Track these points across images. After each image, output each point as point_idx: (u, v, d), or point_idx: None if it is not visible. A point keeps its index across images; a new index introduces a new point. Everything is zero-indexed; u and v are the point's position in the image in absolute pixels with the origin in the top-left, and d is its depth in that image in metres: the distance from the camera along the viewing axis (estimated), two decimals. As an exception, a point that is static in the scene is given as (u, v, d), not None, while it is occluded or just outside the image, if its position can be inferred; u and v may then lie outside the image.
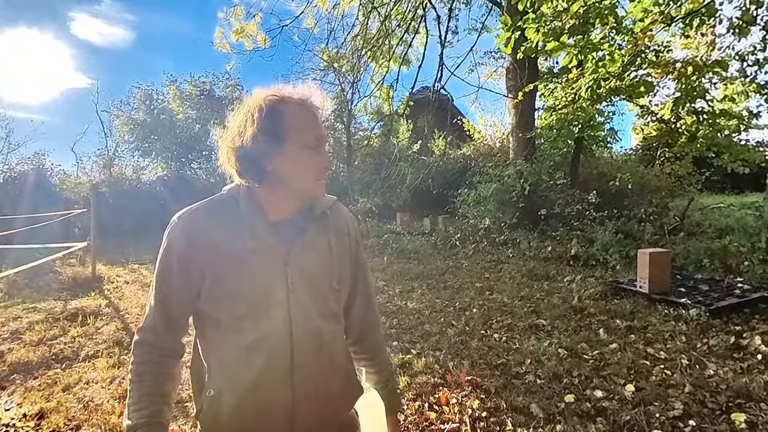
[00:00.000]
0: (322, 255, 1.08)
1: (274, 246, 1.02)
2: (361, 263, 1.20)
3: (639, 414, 2.65)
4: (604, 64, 4.15)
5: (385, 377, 1.26)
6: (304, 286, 1.03)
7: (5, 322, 5.10)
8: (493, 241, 8.40)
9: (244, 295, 0.99)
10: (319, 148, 1.03)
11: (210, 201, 1.09)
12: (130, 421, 0.98)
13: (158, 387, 1.04)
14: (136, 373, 1.04)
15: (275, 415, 1.00)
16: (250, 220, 1.02)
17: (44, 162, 15.40)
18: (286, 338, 0.99)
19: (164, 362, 1.07)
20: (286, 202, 1.06)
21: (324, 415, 1.07)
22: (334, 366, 1.09)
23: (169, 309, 1.05)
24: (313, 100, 1.05)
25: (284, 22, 9.08)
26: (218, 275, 1.00)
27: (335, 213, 1.15)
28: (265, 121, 0.99)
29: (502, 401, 2.89)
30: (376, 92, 10.63)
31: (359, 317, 1.21)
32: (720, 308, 4.15)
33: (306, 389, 1.02)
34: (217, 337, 1.03)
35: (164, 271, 1.04)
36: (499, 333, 4.12)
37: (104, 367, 3.75)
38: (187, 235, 1.02)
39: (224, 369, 1.02)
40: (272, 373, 0.99)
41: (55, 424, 2.89)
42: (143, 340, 1.06)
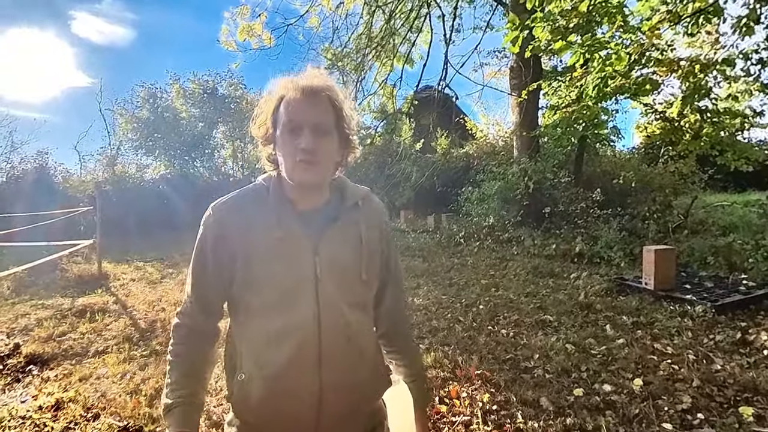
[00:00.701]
0: (352, 246, 1.08)
1: (302, 235, 1.04)
2: (392, 256, 1.20)
3: (648, 407, 2.69)
4: (611, 63, 4.17)
5: (414, 370, 1.26)
6: (332, 276, 1.04)
7: (15, 318, 5.14)
8: (497, 239, 8.43)
9: (273, 284, 1.02)
10: (296, 130, 1.00)
11: (243, 190, 1.12)
12: (168, 400, 1.02)
13: (194, 368, 1.08)
14: (174, 354, 1.08)
15: (302, 401, 1.03)
16: (277, 210, 1.05)
17: (47, 160, 15.45)
18: (314, 327, 1.01)
19: (200, 345, 1.11)
20: (300, 191, 1.07)
21: (351, 405, 1.08)
22: (362, 357, 1.10)
23: (203, 295, 1.10)
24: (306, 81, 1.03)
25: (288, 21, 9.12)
26: (248, 263, 1.03)
27: (367, 204, 1.16)
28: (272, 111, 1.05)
29: (512, 395, 2.92)
30: (379, 91, 10.67)
31: (389, 310, 1.22)
32: (725, 305, 4.18)
33: (333, 378, 1.03)
34: (248, 323, 1.06)
35: (199, 259, 1.09)
36: (507, 329, 4.15)
37: (114, 363, 3.79)
38: (219, 225, 1.06)
39: (254, 354, 1.05)
40: (300, 361, 1.01)
41: (72, 415, 2.93)
42: (181, 324, 1.11)
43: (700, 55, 6.89)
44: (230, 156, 17.72)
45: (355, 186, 1.18)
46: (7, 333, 4.65)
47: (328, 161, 1.06)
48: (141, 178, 15.86)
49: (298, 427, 1.05)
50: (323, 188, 1.11)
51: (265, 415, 1.05)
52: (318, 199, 1.10)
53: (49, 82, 40.29)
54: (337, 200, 1.12)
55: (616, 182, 8.50)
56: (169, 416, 1.00)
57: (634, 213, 7.84)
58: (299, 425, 1.04)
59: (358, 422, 1.12)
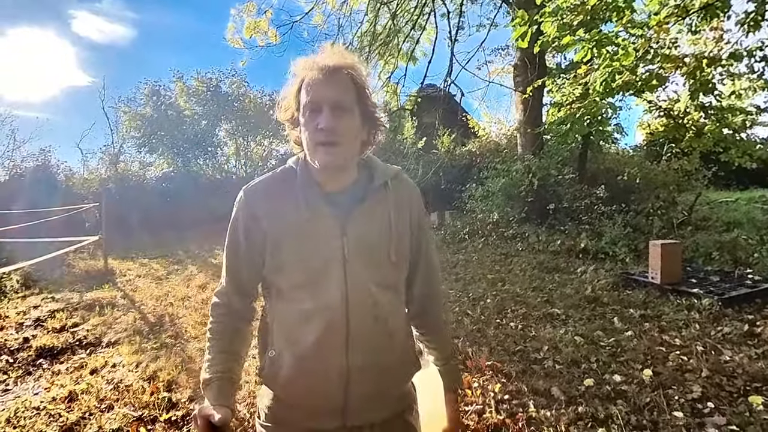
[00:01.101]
0: (380, 226, 1.07)
1: (329, 216, 1.04)
2: (423, 237, 1.18)
3: (658, 396, 2.72)
4: (618, 58, 4.20)
5: (445, 354, 1.26)
6: (360, 257, 1.04)
7: (26, 310, 5.18)
8: (501, 235, 8.46)
9: (301, 265, 1.04)
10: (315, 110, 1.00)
11: (273, 174, 1.13)
12: (207, 374, 1.05)
13: (230, 345, 1.11)
14: (212, 332, 1.12)
15: (330, 379, 1.04)
16: (305, 192, 1.06)
17: (50, 159, 15.47)
18: (341, 307, 1.01)
19: (236, 324, 1.14)
20: (324, 172, 1.06)
21: (379, 386, 1.09)
22: (391, 338, 1.09)
23: (237, 276, 1.12)
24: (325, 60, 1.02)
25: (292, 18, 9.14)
26: (277, 245, 1.05)
27: (397, 184, 1.14)
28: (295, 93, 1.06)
29: (523, 385, 2.96)
30: (383, 88, 10.67)
31: (420, 292, 1.20)
32: (732, 298, 4.20)
33: (360, 359, 1.03)
34: (279, 302, 1.09)
35: (232, 242, 1.11)
36: (515, 322, 4.18)
37: (127, 353, 3.82)
38: (249, 208, 1.08)
39: (285, 332, 1.07)
40: (328, 340, 1.02)
41: (86, 406, 2.96)
42: (218, 303, 1.15)
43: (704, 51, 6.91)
44: (233, 153, 17.72)
45: (385, 165, 1.16)
46: (16, 327, 4.69)
47: (351, 140, 1.03)
48: (144, 175, 15.91)
49: (326, 406, 1.06)
50: (350, 168, 1.10)
51: (293, 392, 1.08)
52: (345, 179, 1.09)
53: (50, 81, 40.33)
54: (365, 180, 1.12)
55: (620, 179, 8.52)
56: (208, 390, 1.03)
57: (638, 209, 7.86)
58: (327, 404, 1.06)
59: (387, 404, 1.12)
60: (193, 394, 3.07)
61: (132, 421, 2.75)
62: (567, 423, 2.50)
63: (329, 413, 1.07)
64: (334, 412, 1.06)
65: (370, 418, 1.09)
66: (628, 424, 2.47)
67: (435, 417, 1.25)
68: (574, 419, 2.54)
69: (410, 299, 1.21)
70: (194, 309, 5.15)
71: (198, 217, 13.36)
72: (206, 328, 1.14)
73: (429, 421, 1.23)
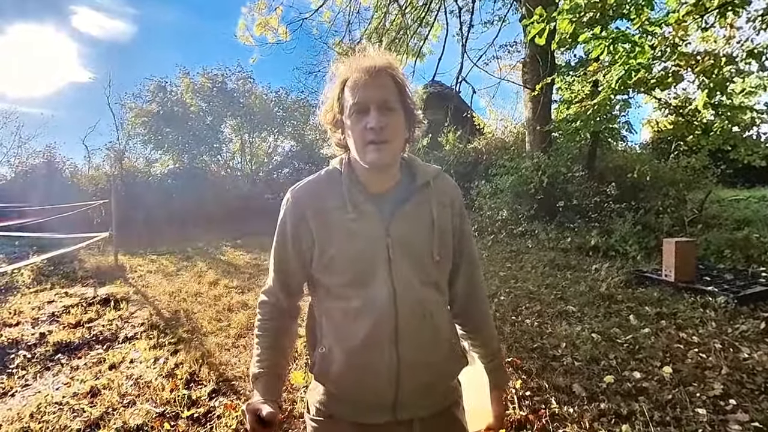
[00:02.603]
0: (423, 226, 1.09)
1: (374, 216, 1.06)
2: (465, 236, 1.20)
3: (680, 393, 2.73)
4: (635, 55, 4.19)
5: (490, 351, 1.26)
6: (404, 256, 1.05)
7: (41, 305, 5.21)
8: (510, 233, 8.46)
9: (348, 265, 1.06)
10: (363, 111, 1.02)
11: (318, 175, 1.15)
12: (255, 369, 1.10)
13: (277, 342, 1.15)
14: (260, 329, 1.16)
15: (380, 375, 1.05)
16: (350, 193, 1.07)
17: (55, 155, 15.52)
18: (389, 306, 1.03)
19: (283, 321, 1.18)
20: (370, 172, 1.08)
21: (427, 382, 1.10)
22: (438, 335, 1.11)
23: (284, 275, 1.15)
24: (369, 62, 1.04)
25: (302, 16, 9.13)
26: (324, 245, 1.07)
27: (438, 184, 1.15)
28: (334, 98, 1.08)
29: (544, 382, 2.97)
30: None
31: (463, 290, 1.21)
32: (747, 296, 4.20)
33: (410, 355, 1.05)
34: (327, 301, 1.11)
35: (279, 242, 1.14)
36: (530, 319, 4.19)
37: (146, 348, 3.84)
38: (296, 209, 1.10)
39: (334, 329, 1.09)
40: (377, 337, 1.04)
41: (109, 401, 2.98)
42: (265, 301, 1.18)
43: (714, 50, 6.88)
44: (238, 150, 17.73)
45: (425, 165, 1.18)
46: (32, 323, 4.71)
47: (398, 139, 1.06)
48: (149, 172, 15.92)
49: (377, 400, 1.08)
50: (394, 168, 1.11)
51: (344, 387, 1.09)
52: (389, 179, 1.11)
53: (52, 78, 40.30)
54: (408, 180, 1.13)
55: (630, 176, 8.50)
56: (256, 384, 1.08)
57: (647, 207, 7.85)
58: (378, 398, 1.07)
59: (435, 399, 1.14)
60: (215, 388, 3.09)
61: (155, 417, 2.77)
62: (590, 419, 2.51)
63: (380, 408, 1.08)
64: (384, 407, 1.08)
65: (418, 412, 1.10)
66: (651, 420, 2.48)
67: (480, 413, 1.27)
68: (597, 415, 2.56)
69: (453, 297, 1.22)
70: (208, 305, 5.17)
71: (203, 214, 13.39)
72: (255, 325, 1.18)
73: (474, 417, 1.24)
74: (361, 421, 1.10)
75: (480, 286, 1.27)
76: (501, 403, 1.27)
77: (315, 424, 1.14)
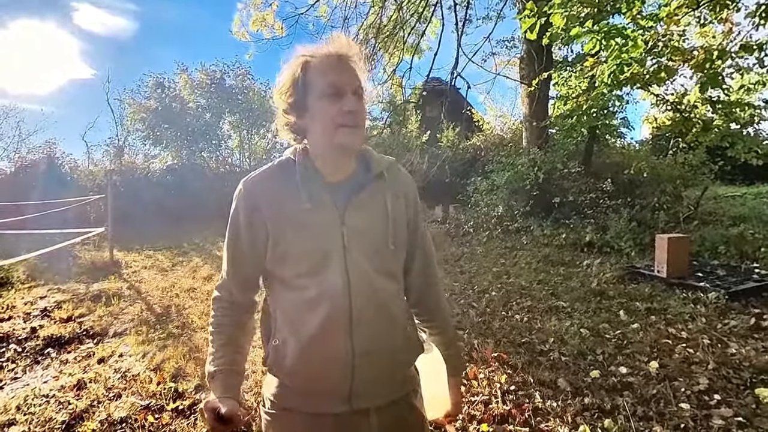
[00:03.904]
0: (378, 215, 1.10)
1: (330, 206, 1.06)
2: (419, 226, 1.20)
3: (665, 388, 2.72)
4: (627, 50, 4.16)
5: (447, 339, 1.28)
6: (359, 245, 1.05)
7: (33, 301, 5.22)
8: (506, 229, 8.45)
9: (303, 255, 1.04)
10: (338, 94, 1.01)
11: (271, 165, 1.13)
12: (211, 367, 1.07)
13: (234, 338, 1.12)
14: (215, 325, 1.13)
15: (336, 365, 1.05)
16: (306, 182, 1.06)
17: (55, 151, 15.53)
18: (344, 295, 1.03)
19: (239, 316, 1.15)
20: (331, 160, 1.08)
21: (383, 370, 1.10)
22: (393, 324, 1.11)
23: (239, 269, 1.13)
24: (339, 48, 1.05)
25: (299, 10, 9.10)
26: (280, 236, 1.05)
27: (392, 174, 1.16)
28: (293, 81, 1.05)
29: (529, 376, 2.96)
30: (388, 81, 10.64)
31: (418, 279, 1.22)
32: (738, 292, 4.19)
33: (365, 344, 1.05)
34: (282, 293, 1.09)
35: (233, 234, 1.11)
36: (520, 314, 4.18)
37: (134, 343, 3.85)
38: (250, 200, 1.07)
39: (288, 321, 1.08)
40: (332, 327, 1.03)
41: (95, 394, 2.99)
42: (220, 297, 1.15)
43: (712, 45, 6.84)
44: (237, 146, 17.72)
45: (380, 156, 1.17)
46: (24, 317, 4.72)
47: (365, 124, 1.07)
48: (148, 168, 15.93)
49: (332, 391, 1.07)
50: (353, 156, 1.11)
51: (299, 378, 1.08)
52: (347, 168, 1.11)
53: (53, 74, 40.35)
54: (363, 170, 1.13)
55: (627, 173, 8.47)
56: (213, 383, 1.05)
57: (643, 204, 7.83)
58: (334, 388, 1.07)
59: (392, 388, 1.14)
60: (200, 383, 3.09)
61: (140, 410, 2.78)
62: (573, 414, 2.51)
63: (336, 397, 1.07)
64: (340, 397, 1.07)
65: (375, 401, 1.10)
66: (634, 414, 2.47)
67: (437, 400, 1.28)
68: (580, 410, 2.55)
69: (409, 287, 1.22)
70: (200, 300, 5.18)
71: (202, 210, 13.38)
72: (209, 322, 1.15)
73: (432, 404, 1.25)
74: (318, 412, 1.09)
75: (435, 276, 1.27)
76: (459, 390, 1.30)
77: (270, 417, 1.13)
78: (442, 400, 1.28)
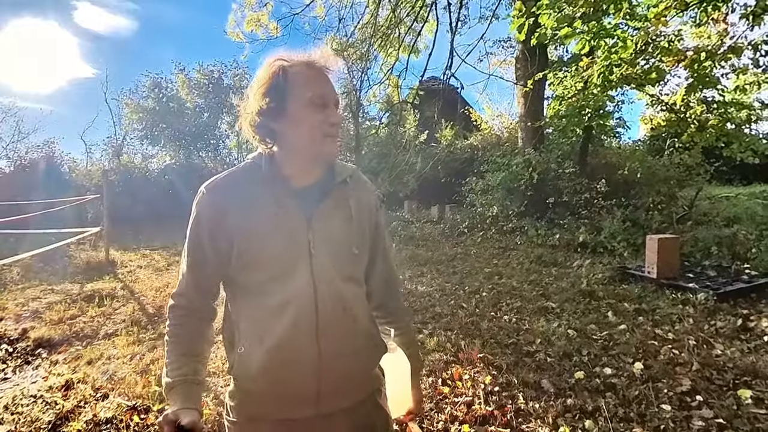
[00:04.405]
0: (343, 221, 1.11)
1: (296, 211, 1.06)
2: (380, 231, 1.23)
3: (647, 389, 2.73)
4: (616, 51, 4.17)
5: (408, 339, 1.32)
6: (325, 251, 1.06)
7: (25, 302, 5.23)
8: (500, 229, 8.46)
9: (270, 260, 1.04)
10: (324, 105, 1.04)
11: (234, 170, 1.13)
12: (169, 378, 1.03)
13: (193, 347, 1.09)
14: (172, 334, 1.09)
15: (302, 370, 1.05)
16: (272, 187, 1.06)
17: (54, 150, 15.54)
18: (310, 300, 1.03)
19: (197, 325, 1.12)
20: (303, 165, 1.09)
21: (349, 372, 1.11)
22: (358, 326, 1.13)
23: (199, 275, 1.10)
24: (320, 60, 1.07)
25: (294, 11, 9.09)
26: (245, 241, 1.04)
27: (355, 181, 1.18)
28: (271, 84, 1.04)
29: (514, 377, 2.97)
30: (384, 81, 10.62)
31: (380, 282, 1.25)
32: (727, 292, 4.21)
33: (331, 348, 1.05)
34: (246, 299, 1.08)
35: (193, 240, 1.08)
36: (509, 315, 4.20)
37: (124, 345, 3.86)
38: (213, 204, 1.06)
39: (253, 328, 1.06)
40: (298, 332, 1.03)
41: (82, 394, 3.00)
42: (177, 305, 1.12)
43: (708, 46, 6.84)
44: (235, 146, 17.71)
45: (342, 163, 1.18)
46: (15, 318, 4.73)
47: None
48: (146, 167, 15.96)
49: (300, 395, 1.07)
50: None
51: (265, 385, 1.07)
52: (315, 174, 1.12)
53: (53, 73, 40.34)
54: (328, 177, 1.13)
55: (621, 173, 8.48)
56: (171, 394, 1.02)
57: (638, 204, 7.84)
58: (301, 393, 1.07)
59: (357, 388, 1.16)
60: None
61: (126, 410, 2.79)
62: (555, 415, 2.52)
63: (303, 402, 1.08)
64: (307, 401, 1.07)
65: (341, 403, 1.11)
66: (615, 416, 2.49)
67: (400, 399, 1.32)
68: (562, 411, 2.56)
69: (371, 290, 1.24)
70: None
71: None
72: (165, 331, 1.11)
73: (395, 402, 1.29)
74: (284, 418, 1.09)
75: (395, 279, 1.33)
76: (420, 389, 1.35)
77: (234, 426, 1.12)
78: (405, 399, 1.32)
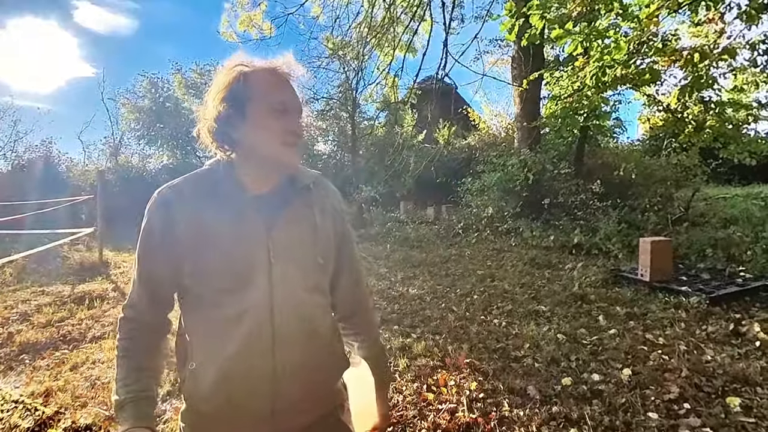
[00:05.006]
0: (306, 229, 1.08)
1: (254, 219, 1.02)
2: (346, 239, 1.19)
3: (635, 396, 2.69)
4: (609, 52, 4.12)
5: (374, 353, 1.27)
6: (286, 260, 1.02)
7: (14, 304, 5.20)
8: (495, 230, 8.42)
9: (226, 269, 0.99)
10: (285, 112, 1.02)
11: (190, 176, 1.08)
12: (118, 396, 0.99)
13: (144, 362, 1.05)
14: (122, 349, 1.05)
15: (257, 385, 1.01)
16: (229, 194, 1.02)
17: (51, 150, 15.54)
18: (266, 310, 0.99)
19: (150, 338, 1.08)
20: (262, 172, 1.06)
21: (308, 387, 1.07)
22: (318, 338, 1.09)
23: (152, 286, 1.05)
24: (283, 67, 1.04)
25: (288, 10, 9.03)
26: (199, 250, 0.99)
27: (319, 188, 1.14)
28: (230, 90, 1.00)
29: (500, 383, 2.93)
30: (381, 80, 10.57)
31: (347, 293, 1.21)
32: (720, 296, 4.15)
33: (288, 360, 1.02)
34: (200, 311, 1.03)
35: (146, 249, 1.04)
36: (499, 318, 4.15)
37: (111, 348, 3.82)
38: (167, 212, 1.01)
39: (206, 342, 1.02)
40: (253, 344, 0.99)
41: (62, 401, 2.97)
42: (127, 317, 1.07)
43: (704, 45, 6.78)
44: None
45: (305, 169, 1.15)
46: (2, 323, 4.68)
47: None
48: (144, 167, 15.93)
49: (254, 412, 1.03)
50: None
51: (218, 401, 1.02)
52: (273, 181, 1.08)
53: (53, 72, 40.40)
54: (287, 183, 1.10)
55: (617, 174, 8.42)
56: (122, 412, 0.97)
57: (634, 205, 7.79)
58: (255, 410, 1.02)
59: (317, 404, 1.11)
60: (170, 389, 3.06)
61: (104, 420, 2.75)
62: (539, 423, 2.48)
63: (258, 420, 1.03)
64: (263, 419, 1.03)
65: (300, 419, 1.07)
66: (600, 424, 2.44)
67: (365, 413, 1.26)
68: (546, 419, 2.52)
69: (337, 301, 1.21)
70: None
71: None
72: (116, 345, 1.06)
73: (359, 418, 1.24)
74: None
75: (363, 290, 1.27)
76: (386, 402, 1.28)
77: None
78: (370, 413, 1.26)
